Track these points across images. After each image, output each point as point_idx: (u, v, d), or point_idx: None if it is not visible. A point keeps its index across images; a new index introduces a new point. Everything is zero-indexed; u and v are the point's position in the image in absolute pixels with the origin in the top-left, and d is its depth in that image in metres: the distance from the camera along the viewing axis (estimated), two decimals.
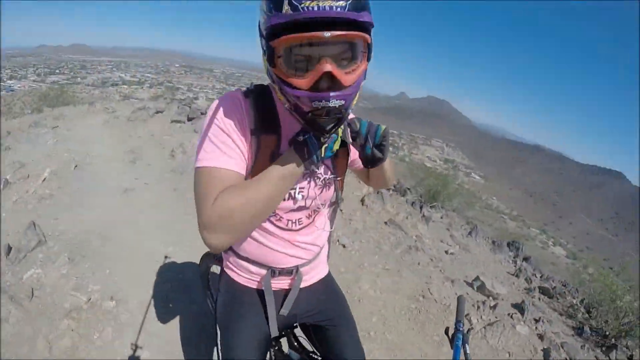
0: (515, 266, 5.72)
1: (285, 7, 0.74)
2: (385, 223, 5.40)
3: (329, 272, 1.50)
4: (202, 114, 9.15)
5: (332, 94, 0.81)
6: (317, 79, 0.81)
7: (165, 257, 3.41)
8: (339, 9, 0.73)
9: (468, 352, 1.11)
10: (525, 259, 6.39)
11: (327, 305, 1.41)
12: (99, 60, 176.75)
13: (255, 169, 1.02)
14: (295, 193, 1.11)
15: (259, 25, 0.87)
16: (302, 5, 0.73)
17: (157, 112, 9.42)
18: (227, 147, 0.98)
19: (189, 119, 8.82)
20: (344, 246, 4.25)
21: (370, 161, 1.04)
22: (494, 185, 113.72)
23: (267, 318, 1.28)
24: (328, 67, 0.79)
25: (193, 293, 2.99)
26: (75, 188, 4.55)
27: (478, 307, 3.56)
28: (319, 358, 1.40)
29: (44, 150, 5.70)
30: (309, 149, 0.94)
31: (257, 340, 1.27)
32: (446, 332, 1.22)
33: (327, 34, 0.74)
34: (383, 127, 1.01)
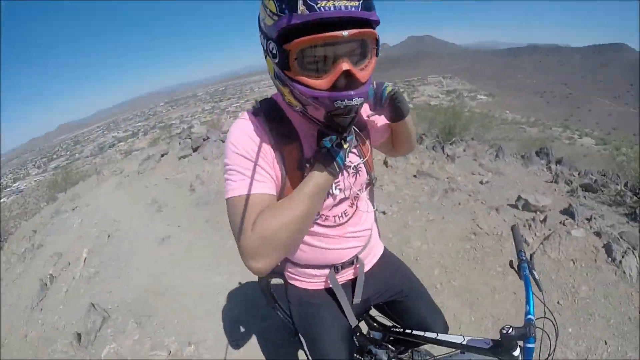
0: (551, 173, 5.62)
1: (301, 8, 0.73)
2: (415, 176, 5.40)
3: (385, 247, 1.53)
4: (204, 140, 9.22)
5: (353, 92, 0.82)
6: (336, 78, 0.81)
7: (238, 284, 3.51)
8: (353, 9, 0.74)
9: (537, 277, 1.11)
10: (558, 162, 6.26)
11: (393, 279, 1.45)
12: (89, 129, 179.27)
13: (289, 180, 1.03)
14: (332, 189, 1.12)
15: (262, 29, 0.87)
16: (319, 5, 0.72)
17: (162, 155, 9.53)
18: (254, 173, 0.97)
19: (194, 150, 8.90)
20: (384, 213, 4.27)
21: (395, 113, 1.12)
22: (502, 99, 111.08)
23: (343, 312, 1.32)
24: (346, 65, 0.80)
25: (259, 311, 3.07)
26: (116, 257, 4.67)
27: (529, 226, 3.53)
28: (401, 329, 1.43)
29: (74, 234, 5.85)
30: (334, 158, 0.94)
31: (341, 335, 1.32)
32: (511, 265, 1.23)
33: (345, 32, 0.74)
34: (388, 87, 1.07)
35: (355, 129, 1.07)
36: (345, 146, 0.95)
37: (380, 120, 1.27)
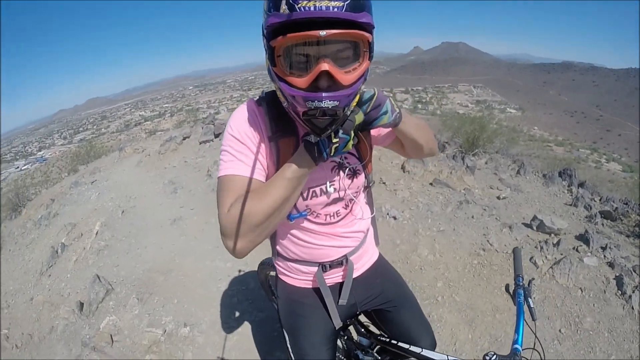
0: (571, 195, 5.46)
1: (283, 7, 0.75)
2: (431, 184, 5.32)
3: (380, 255, 1.51)
4: None
5: (324, 94, 0.81)
6: (314, 77, 0.81)
7: (241, 272, 3.55)
8: (335, 9, 0.74)
9: (532, 306, 1.06)
10: (581, 185, 6.06)
11: (384, 288, 1.42)
12: (117, 106, 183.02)
13: None
14: (327, 187, 1.13)
15: (262, 25, 0.88)
16: (299, 5, 0.73)
17: (185, 138, 9.65)
18: (243, 156, 1.01)
19: (216, 136, 8.98)
20: (394, 218, 4.22)
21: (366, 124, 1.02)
22: (532, 115, 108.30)
23: (328, 312, 1.31)
24: (325, 66, 0.79)
25: (258, 302, 3.09)
26: (127, 233, 4.77)
27: (541, 248, 3.44)
28: (387, 339, 1.42)
29: (90, 206, 6.00)
30: (319, 148, 0.94)
31: (324, 335, 1.31)
32: (507, 289, 1.18)
33: (323, 32, 0.74)
34: (372, 91, 0.99)
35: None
36: (334, 140, 0.93)
37: None
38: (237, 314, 3.02)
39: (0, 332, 3.20)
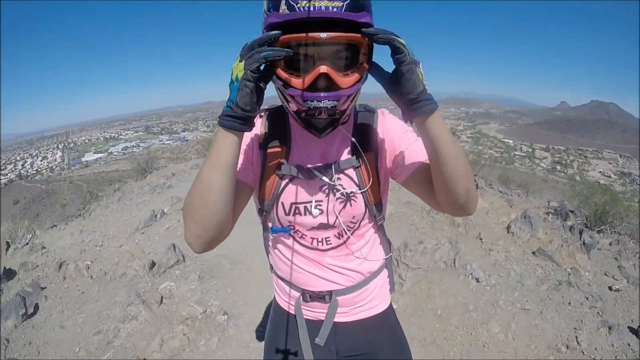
0: None
1: (283, 7, 0.75)
2: (534, 253, 4.67)
3: (389, 309, 1.28)
4: None
5: (323, 94, 0.80)
6: (313, 79, 0.80)
7: None
8: (335, 9, 0.73)
9: None
10: None
11: (379, 348, 1.22)
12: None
13: (263, 181, 1.02)
14: (311, 207, 1.02)
15: (262, 26, 0.89)
16: (299, 5, 0.73)
17: None
18: None
19: None
20: (477, 280, 3.80)
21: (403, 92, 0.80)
22: None
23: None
24: (324, 68, 0.78)
25: None
26: None
27: None
28: None
29: None
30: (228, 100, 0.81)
31: None
32: None
33: (323, 34, 0.74)
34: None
35: (358, 146, 0.98)
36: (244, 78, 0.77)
37: (414, 149, 1.03)
38: None
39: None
